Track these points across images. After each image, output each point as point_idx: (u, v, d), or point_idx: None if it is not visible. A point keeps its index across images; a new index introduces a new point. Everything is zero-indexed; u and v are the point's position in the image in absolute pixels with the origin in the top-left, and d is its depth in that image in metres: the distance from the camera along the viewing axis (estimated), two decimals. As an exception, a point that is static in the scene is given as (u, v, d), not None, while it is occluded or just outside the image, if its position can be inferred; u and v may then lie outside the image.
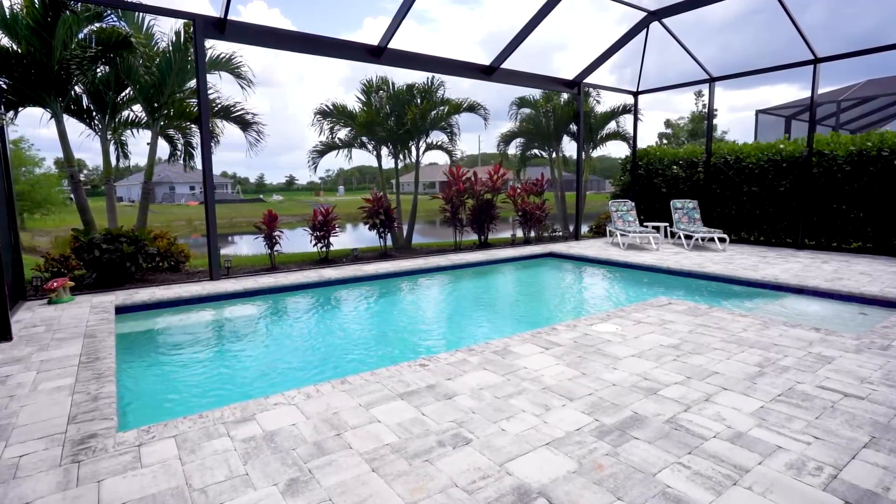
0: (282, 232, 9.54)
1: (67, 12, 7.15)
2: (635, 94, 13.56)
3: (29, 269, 7.97)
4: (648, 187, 13.69)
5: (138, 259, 7.77)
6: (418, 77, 11.49)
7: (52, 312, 6.02)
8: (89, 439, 2.97)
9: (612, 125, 14.77)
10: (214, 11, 7.33)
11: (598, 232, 14.25)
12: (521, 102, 13.67)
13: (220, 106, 9.43)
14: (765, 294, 7.23)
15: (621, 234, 11.48)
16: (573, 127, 14.07)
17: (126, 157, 9.73)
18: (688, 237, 11.62)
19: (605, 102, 14.47)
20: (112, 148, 9.35)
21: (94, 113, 8.58)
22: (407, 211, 12.38)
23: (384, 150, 12.21)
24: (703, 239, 11.57)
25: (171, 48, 8.28)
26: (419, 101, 11.25)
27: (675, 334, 4.89)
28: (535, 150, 15.45)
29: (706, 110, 11.56)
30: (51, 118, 7.89)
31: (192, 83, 9.09)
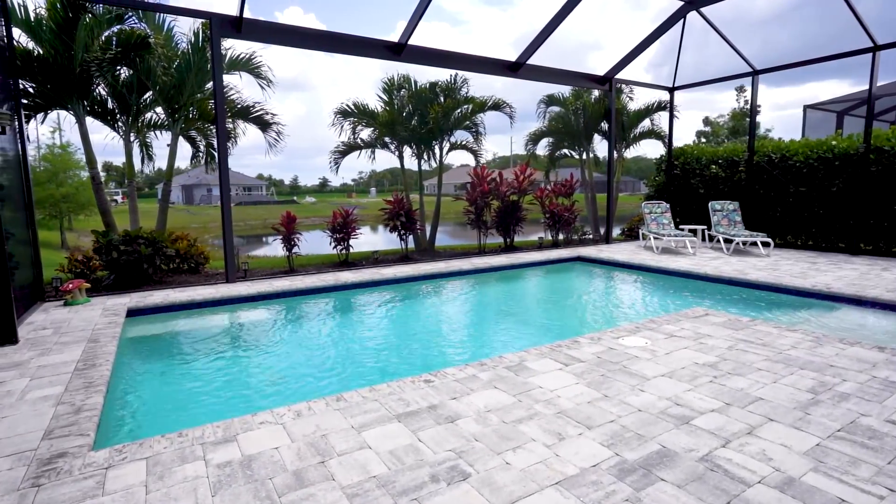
0: (300, 234, 9.39)
1: (88, 15, 7.17)
2: (671, 90, 12.86)
3: (54, 270, 8.06)
4: (685, 188, 12.95)
5: (156, 261, 7.73)
6: (443, 75, 11.21)
7: (65, 314, 5.98)
8: (58, 458, 2.75)
9: (646, 123, 14.08)
10: (236, 11, 7.21)
11: (631, 235, 13.59)
12: (550, 100, 13.17)
13: (239, 106, 9.36)
14: (816, 305, 6.56)
15: (655, 238, 10.84)
16: (605, 125, 13.48)
17: (150, 158, 9.78)
18: (727, 241, 10.88)
19: (639, 100, 13.81)
20: (137, 150, 9.42)
21: (118, 115, 8.63)
22: (434, 213, 12.08)
23: (407, 151, 11.96)
24: (744, 243, 10.81)
25: (189, 49, 8.24)
26: (442, 99, 10.93)
27: (712, 351, 4.38)
28: (566, 150, 14.89)
29: (748, 106, 10.80)
30: (55, 128, 7.96)
31: (209, 84, 9.04)
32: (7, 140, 6.37)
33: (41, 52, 7.33)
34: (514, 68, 10.40)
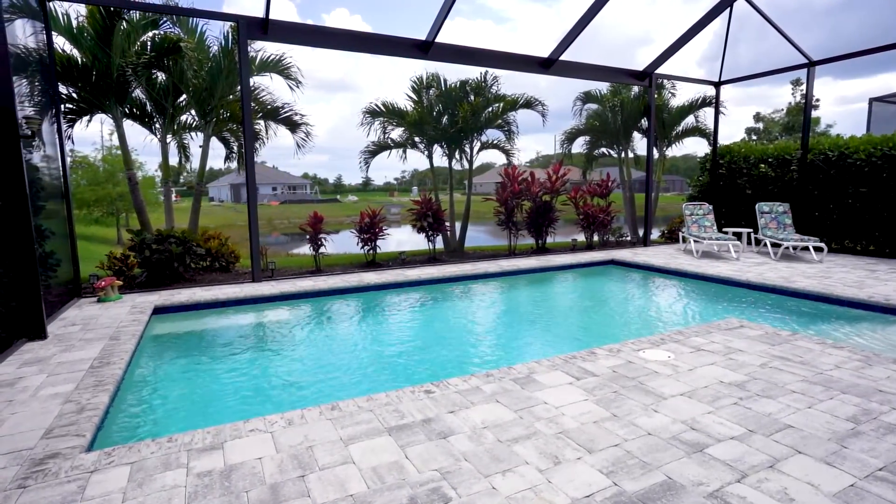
0: (327, 234, 9.45)
1: (124, 21, 7.44)
2: (717, 85, 12.15)
3: (94, 267, 8.43)
4: (730, 188, 12.21)
5: (185, 259, 7.94)
6: (474, 73, 10.98)
7: (96, 311, 6.21)
8: (50, 459, 2.79)
9: (689, 120, 13.37)
10: (263, 14, 7.30)
11: (672, 238, 12.95)
12: (587, 98, 12.71)
13: (269, 107, 9.53)
14: (870, 319, 5.97)
15: (695, 241, 10.25)
16: (645, 123, 12.90)
17: (187, 158, 10.10)
18: (775, 245, 10.16)
19: (682, 95, 13.13)
20: (175, 150, 9.76)
21: (155, 117, 8.94)
22: (464, 213, 11.92)
23: (439, 150, 11.84)
24: (794, 248, 10.07)
25: (219, 52, 8.44)
26: (472, 98, 10.74)
27: (741, 368, 4.01)
28: (604, 149, 14.37)
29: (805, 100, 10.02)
30: (112, 131, 8.32)
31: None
32: (47, 142, 6.69)
33: (82, 58, 7.68)
34: (547, 65, 10.08)
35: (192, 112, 9.34)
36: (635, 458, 2.70)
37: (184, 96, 8.79)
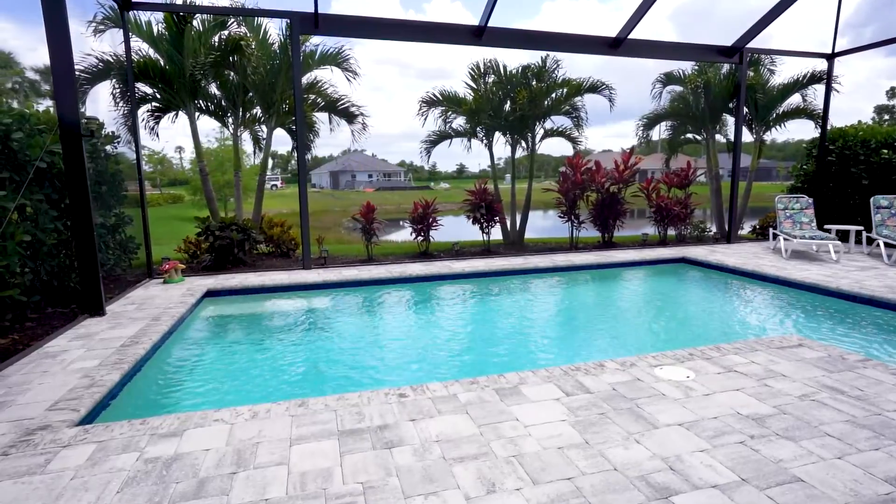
0: (380, 223, 9.60)
1: (195, 24, 8.05)
2: (829, 58, 10.40)
3: (173, 251, 9.34)
4: (841, 178, 10.46)
5: (245, 246, 8.50)
6: (535, 58, 10.37)
7: (157, 292, 6.85)
8: (39, 431, 3.08)
9: (794, 99, 11.62)
10: (314, 9, 7.50)
11: (763, 234, 11.42)
12: (668, 79, 11.52)
13: (326, 100, 9.83)
14: None
15: (785, 239, 8.94)
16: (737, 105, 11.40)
17: (261, 149, 10.79)
18: (890, 246, 8.54)
19: (787, 71, 11.41)
20: (250, 142, 10.49)
21: (227, 112, 9.63)
22: (524, 203, 11.49)
23: (502, 139, 11.46)
24: (918, 250, 8.39)
25: (279, 48, 8.84)
26: (534, 83, 10.21)
27: (773, 398, 3.38)
28: (690, 135, 13.00)
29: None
30: (188, 125, 9.11)
31: (305, 78, 9.60)
32: (124, 139, 7.46)
33: (161, 61, 8.46)
34: (615, 45, 9.27)
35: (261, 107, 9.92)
36: (582, 497, 2.37)
37: (251, 92, 9.36)
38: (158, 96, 8.95)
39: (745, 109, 11.63)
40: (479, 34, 8.55)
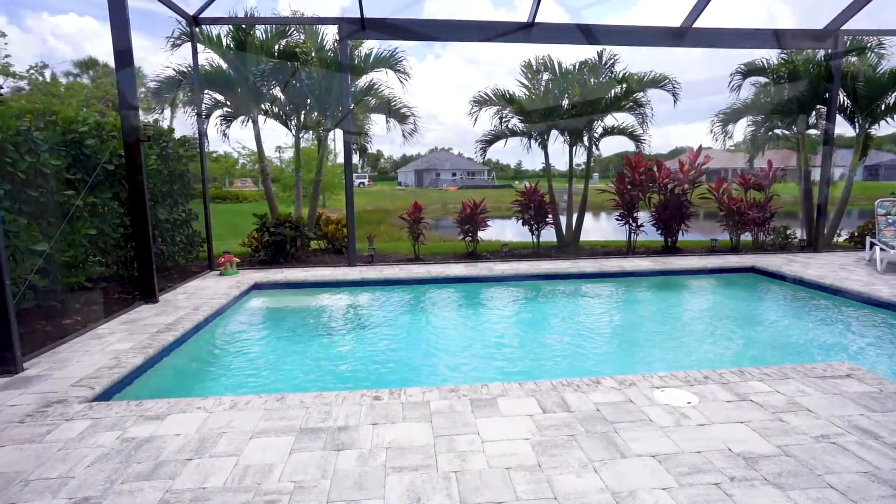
0: (427, 223, 9.69)
1: (257, 34, 8.66)
2: (955, 36, 8.80)
3: (238, 245, 10.10)
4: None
5: (297, 242, 8.99)
6: (591, 53, 9.83)
7: (210, 283, 7.45)
8: (56, 404, 3.49)
9: (910, 87, 9.92)
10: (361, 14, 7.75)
11: (862, 242, 9.93)
12: (749, 70, 10.36)
13: (379, 101, 10.10)
14: None
15: (881, 249, 7.71)
16: (840, 97, 10.00)
17: (325, 150, 11.33)
18: None
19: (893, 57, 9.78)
20: (314, 143, 11.09)
21: (291, 117, 10.23)
22: (580, 204, 10.99)
23: (559, 138, 11.04)
24: None
25: (332, 54, 9.21)
26: (591, 80, 9.70)
27: (782, 435, 2.94)
28: (779, 130, 11.62)
29: None
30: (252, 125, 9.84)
31: (360, 82, 9.93)
32: (193, 141, 8.18)
33: (228, 69, 9.19)
34: (680, 35, 8.55)
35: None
36: (502, 524, 2.22)
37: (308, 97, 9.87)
38: (227, 102, 9.73)
39: (846, 100, 10.19)
40: (527, 30, 8.31)
